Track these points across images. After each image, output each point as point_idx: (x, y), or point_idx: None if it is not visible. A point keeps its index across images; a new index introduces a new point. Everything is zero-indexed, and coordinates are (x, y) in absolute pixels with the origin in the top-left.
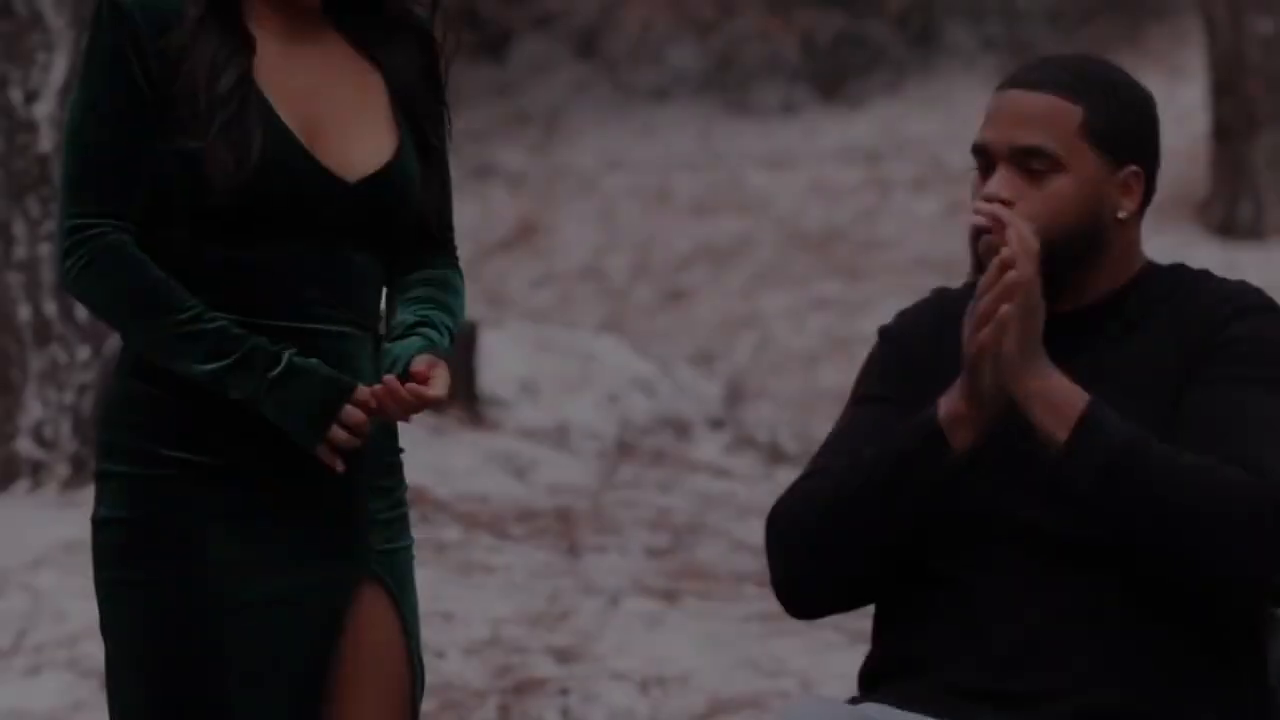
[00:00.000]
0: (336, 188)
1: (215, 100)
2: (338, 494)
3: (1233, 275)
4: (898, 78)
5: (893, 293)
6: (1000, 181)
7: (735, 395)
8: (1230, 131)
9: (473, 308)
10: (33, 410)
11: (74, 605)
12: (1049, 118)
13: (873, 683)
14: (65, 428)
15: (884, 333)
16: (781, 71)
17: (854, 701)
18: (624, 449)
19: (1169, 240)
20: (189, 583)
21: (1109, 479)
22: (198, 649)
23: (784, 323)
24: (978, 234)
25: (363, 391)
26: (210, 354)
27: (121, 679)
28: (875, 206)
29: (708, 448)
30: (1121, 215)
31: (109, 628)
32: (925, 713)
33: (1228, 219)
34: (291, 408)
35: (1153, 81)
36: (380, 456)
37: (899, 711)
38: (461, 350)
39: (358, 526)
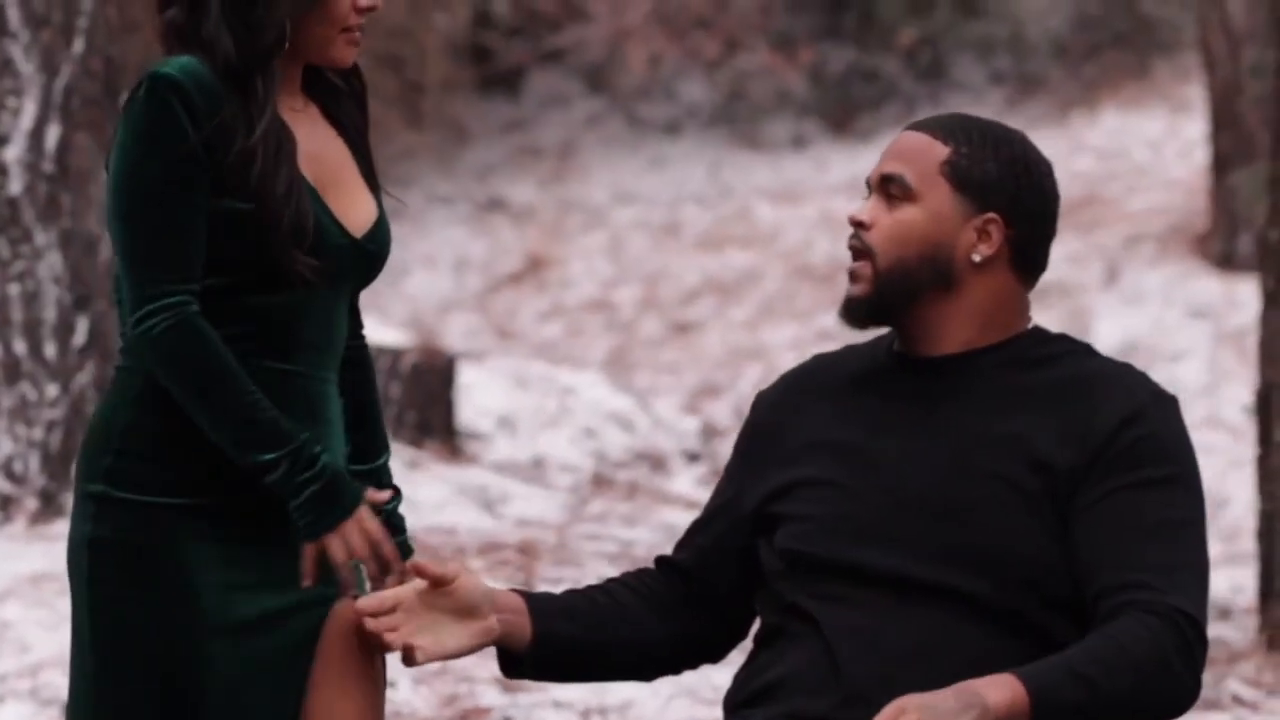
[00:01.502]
0: (348, 243)
1: (268, 170)
2: None
3: (1234, 309)
4: (907, 112)
5: None
6: (864, 206)
7: (711, 430)
8: (1229, 164)
9: (481, 340)
10: (3, 446)
11: (38, 636)
12: (916, 152)
13: (734, 710)
14: (34, 463)
15: (755, 403)
16: (791, 106)
17: None
18: (599, 482)
19: (1170, 272)
20: (183, 602)
21: None
22: (188, 662)
23: (789, 355)
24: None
25: (369, 521)
26: (260, 443)
27: (108, 691)
28: None
29: (682, 481)
30: (976, 259)
31: (99, 640)
32: None
33: (1227, 251)
34: (308, 511)
35: (1156, 115)
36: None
37: None
38: (440, 385)
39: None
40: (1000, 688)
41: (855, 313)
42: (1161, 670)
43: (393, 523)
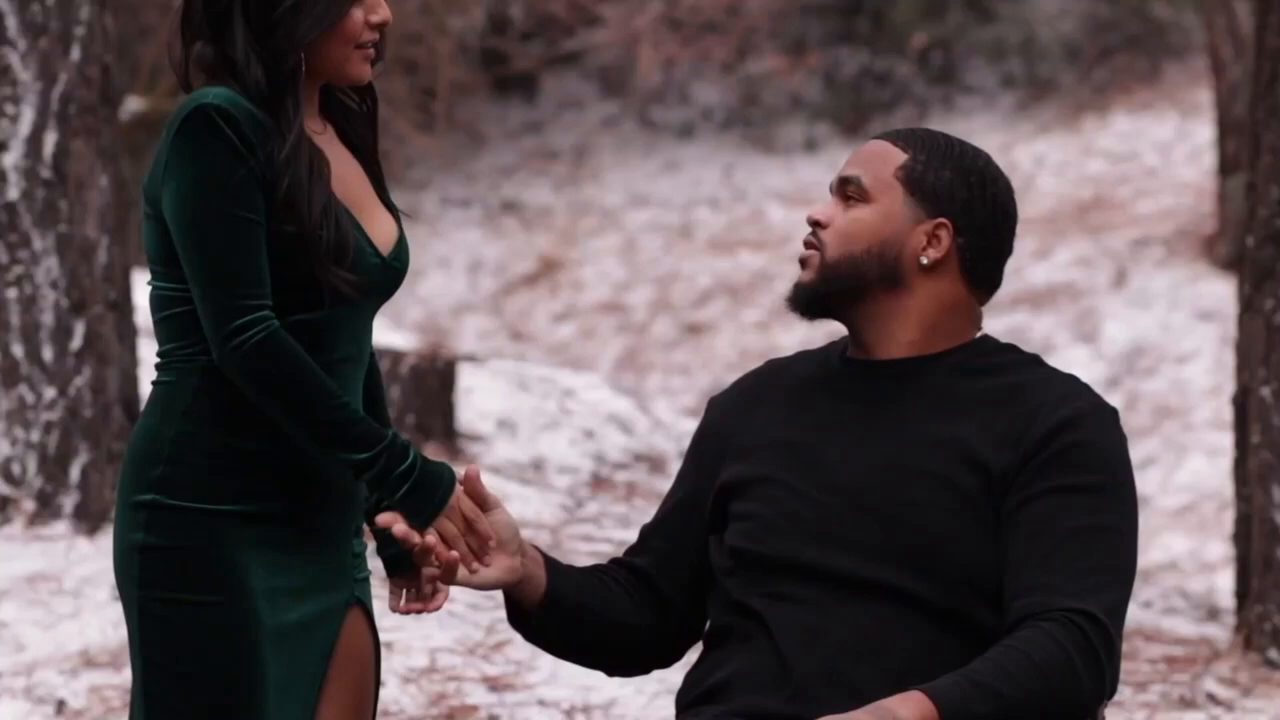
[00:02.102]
0: (379, 261)
1: (305, 190)
2: (339, 535)
3: None
4: (919, 115)
5: None
6: (823, 206)
7: None
8: (1236, 167)
9: (495, 342)
10: (1, 448)
11: (33, 636)
12: (875, 157)
13: (686, 708)
14: (32, 465)
15: (708, 406)
16: (804, 109)
17: None
18: (598, 483)
19: (1177, 274)
20: (236, 606)
21: None
22: (243, 665)
23: None
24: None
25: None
26: (358, 443)
27: (162, 693)
28: None
29: None
30: (924, 261)
31: (151, 644)
32: None
33: (1234, 254)
34: (415, 505)
35: (1167, 119)
36: (363, 501)
37: None
38: (440, 387)
39: (345, 561)
40: (909, 703)
41: (799, 298)
42: (1067, 673)
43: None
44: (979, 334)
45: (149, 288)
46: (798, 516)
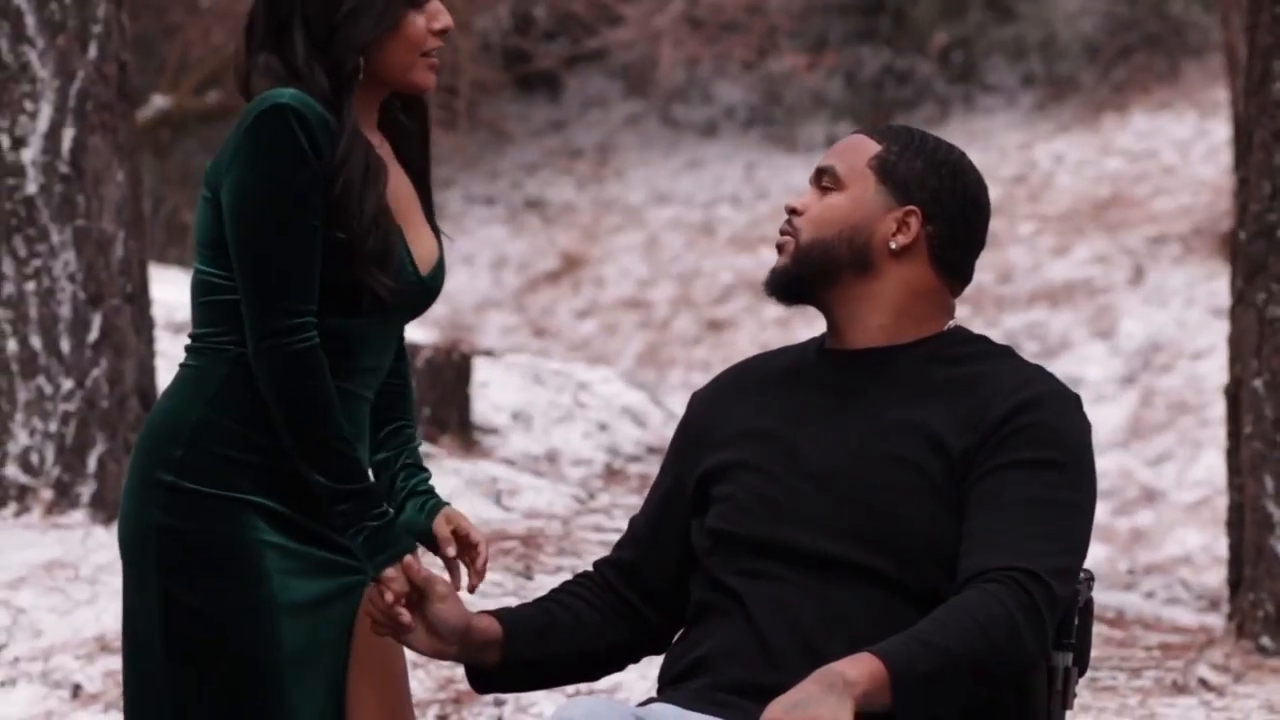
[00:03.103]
0: (417, 279)
1: (359, 192)
2: None
3: None
4: (940, 113)
5: None
6: (801, 195)
7: None
8: None
9: (518, 338)
10: (20, 438)
11: (50, 622)
12: (851, 149)
13: (668, 683)
14: (50, 454)
15: (689, 400)
16: (826, 108)
17: (645, 703)
18: (610, 475)
19: (1194, 272)
20: (255, 585)
21: (934, 699)
22: (261, 643)
23: None
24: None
25: (411, 564)
26: (341, 475)
27: (184, 672)
28: None
29: None
30: (893, 246)
31: (172, 624)
32: (706, 710)
33: None
34: (371, 548)
35: (1185, 118)
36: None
37: (675, 711)
38: (456, 380)
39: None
40: (858, 664)
41: (774, 282)
42: (1009, 629)
43: (426, 505)
44: (951, 324)
45: (195, 270)
46: (771, 500)
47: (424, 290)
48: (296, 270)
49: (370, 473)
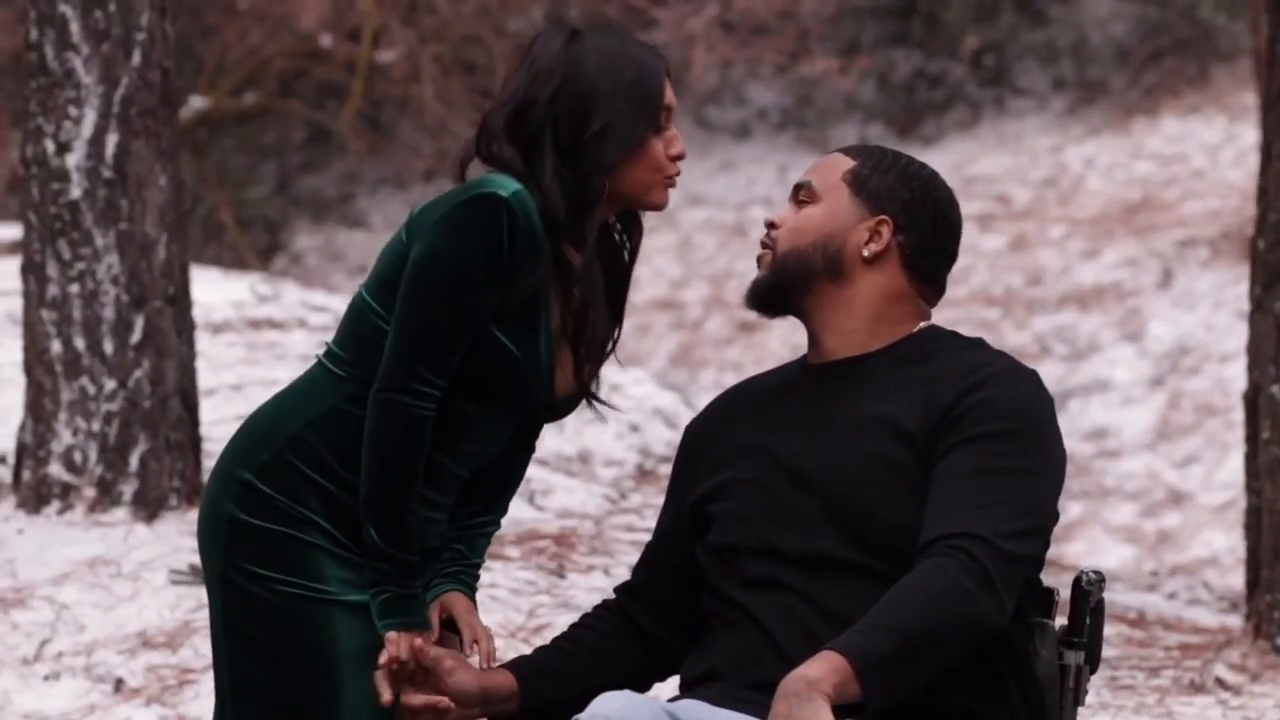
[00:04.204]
0: (550, 401)
1: (536, 316)
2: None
3: None
4: (971, 116)
5: (953, 326)
6: (782, 210)
7: None
8: None
9: None
10: (64, 437)
11: (93, 617)
12: (827, 166)
13: (685, 689)
14: (93, 454)
15: (684, 432)
16: (858, 110)
17: (674, 699)
18: (642, 475)
19: (1224, 276)
20: (312, 581)
21: (902, 677)
22: (317, 637)
23: None
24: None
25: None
26: (392, 539)
27: (243, 660)
28: None
29: None
30: (865, 254)
31: (231, 611)
32: (732, 706)
33: None
34: (385, 610)
35: (1215, 122)
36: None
37: (705, 706)
38: None
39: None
40: (817, 663)
41: (754, 294)
42: (960, 596)
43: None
44: (923, 325)
45: (359, 293)
46: (762, 508)
47: (551, 409)
48: (443, 345)
49: (419, 546)
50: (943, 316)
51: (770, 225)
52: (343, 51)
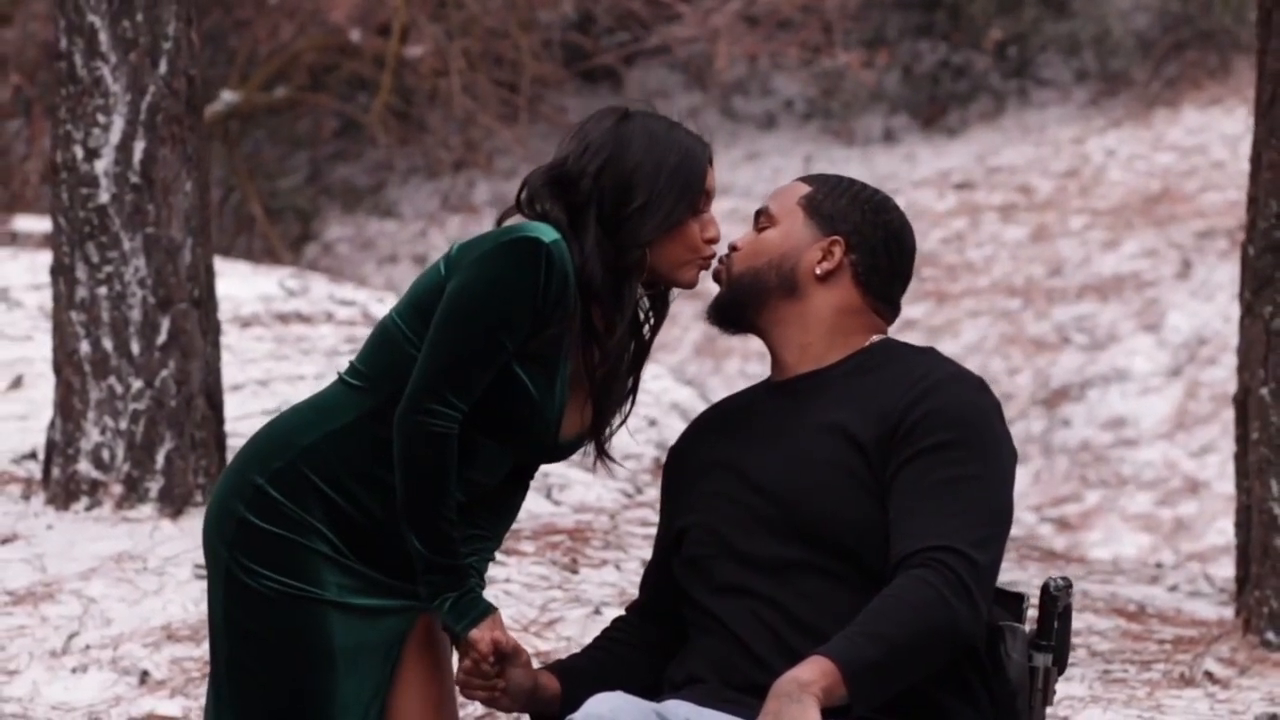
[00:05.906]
0: (555, 443)
1: (557, 361)
2: (404, 559)
3: None
4: (995, 108)
5: (974, 315)
6: (741, 234)
7: None
8: None
9: None
10: (92, 435)
11: (120, 611)
12: (785, 192)
13: (676, 688)
14: (120, 451)
15: (667, 455)
16: (883, 101)
17: (661, 700)
18: (658, 470)
19: (1237, 274)
20: (310, 583)
21: (886, 682)
22: (313, 635)
23: None
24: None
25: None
26: (437, 549)
27: (238, 648)
28: (965, 232)
29: None
30: (818, 272)
31: (230, 602)
32: (716, 706)
33: None
34: (455, 616)
35: (1236, 114)
36: None
37: (691, 706)
38: None
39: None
40: (809, 666)
41: (712, 310)
42: (940, 606)
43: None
44: (877, 338)
45: (390, 314)
46: (727, 517)
47: (555, 450)
48: (469, 375)
49: (459, 556)
50: (964, 307)
51: (732, 248)
52: (372, 46)
